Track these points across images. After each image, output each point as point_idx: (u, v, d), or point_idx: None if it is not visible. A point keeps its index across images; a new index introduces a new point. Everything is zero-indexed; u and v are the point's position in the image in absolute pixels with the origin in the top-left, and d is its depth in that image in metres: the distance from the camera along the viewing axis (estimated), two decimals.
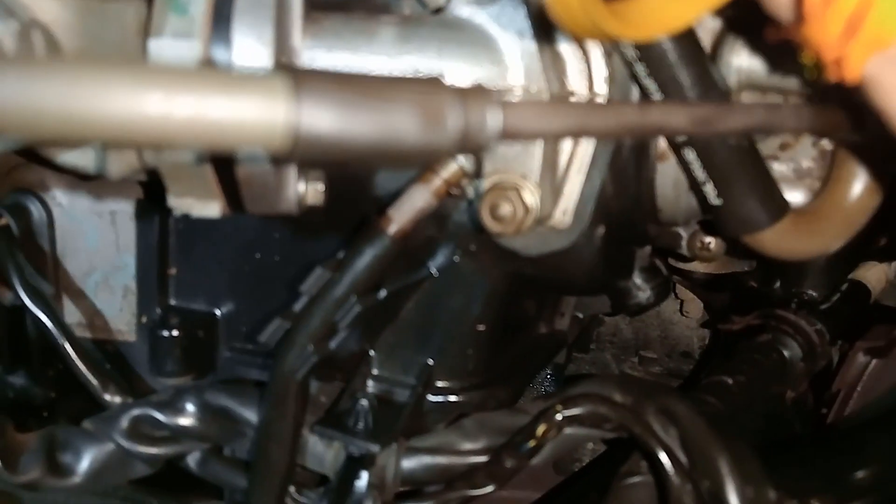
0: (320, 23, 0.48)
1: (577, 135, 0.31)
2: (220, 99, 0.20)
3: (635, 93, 0.51)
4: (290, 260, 0.66)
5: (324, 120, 0.21)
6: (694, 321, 1.08)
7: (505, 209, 0.50)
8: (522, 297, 0.67)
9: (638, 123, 0.28)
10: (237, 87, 0.20)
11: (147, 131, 0.21)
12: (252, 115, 0.20)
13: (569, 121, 0.26)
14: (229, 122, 0.20)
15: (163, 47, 0.43)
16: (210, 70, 0.21)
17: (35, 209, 0.71)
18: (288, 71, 0.21)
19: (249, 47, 0.44)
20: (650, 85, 0.48)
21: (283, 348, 0.54)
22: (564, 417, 0.53)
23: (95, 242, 0.71)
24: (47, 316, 0.66)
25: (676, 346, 1.12)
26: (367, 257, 0.53)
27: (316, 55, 0.47)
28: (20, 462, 0.58)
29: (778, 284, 0.86)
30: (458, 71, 0.48)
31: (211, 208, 0.49)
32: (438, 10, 0.50)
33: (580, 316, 0.82)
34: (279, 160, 0.26)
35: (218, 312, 0.68)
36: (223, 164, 0.46)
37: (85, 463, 0.58)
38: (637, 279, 0.72)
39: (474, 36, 0.48)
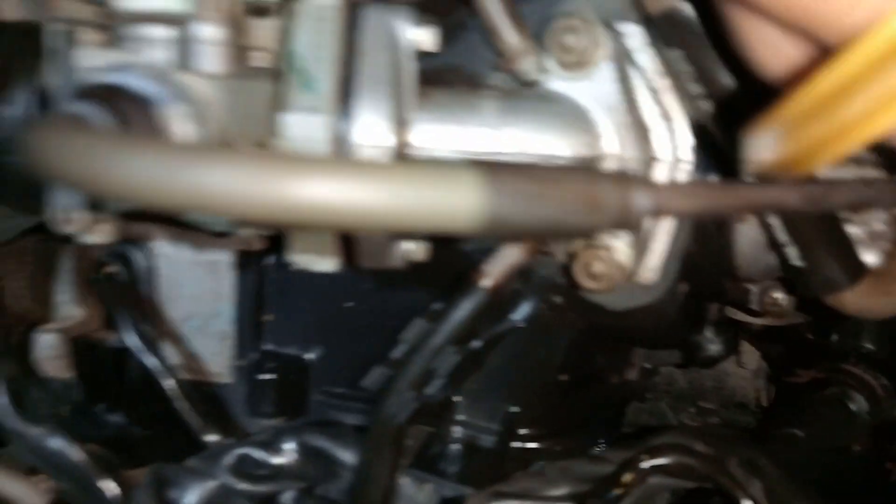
0: (429, 96, 0.53)
1: (709, 213, 0.34)
2: (423, 191, 0.24)
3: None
4: (379, 309, 0.70)
5: (510, 208, 0.25)
6: (749, 372, 1.09)
7: (599, 268, 0.53)
8: (600, 348, 0.70)
9: (758, 201, 0.31)
10: (436, 179, 0.24)
11: (349, 221, 0.25)
12: (449, 205, 0.24)
13: (703, 200, 0.30)
14: (429, 212, 0.24)
15: (292, 122, 0.48)
16: (412, 164, 0.25)
17: (140, 258, 0.77)
18: (479, 164, 0.25)
19: (370, 122, 0.49)
20: None
21: (384, 393, 0.58)
22: (651, 467, 0.56)
23: (195, 290, 0.76)
24: (154, 359, 0.71)
25: (732, 397, 1.12)
26: (463, 309, 0.57)
27: (427, 127, 0.52)
28: (132, 497, 0.62)
29: (835, 337, 0.88)
30: (556, 141, 0.52)
31: (328, 264, 0.53)
32: (530, 83, 0.55)
33: (648, 367, 0.84)
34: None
35: (310, 357, 0.72)
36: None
37: (191, 499, 0.62)
38: (708, 332, 0.74)
39: (569, 109, 0.53)
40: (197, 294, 0.76)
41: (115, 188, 0.25)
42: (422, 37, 0.51)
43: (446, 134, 0.52)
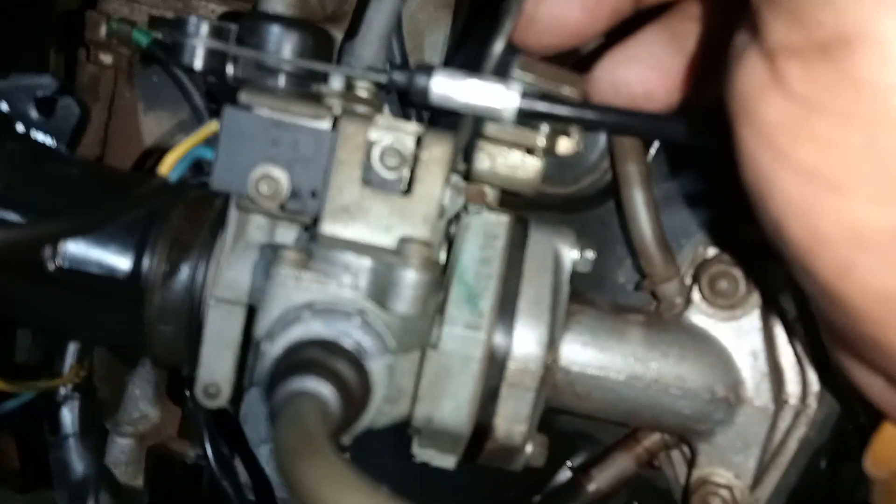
0: (577, 317, 0.54)
1: None
2: None
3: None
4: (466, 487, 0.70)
5: None
6: None
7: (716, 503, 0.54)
8: None
9: None
10: None
11: None
12: None
13: None
14: None
15: (451, 336, 0.48)
16: None
17: None
18: None
19: (525, 342, 0.50)
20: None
21: None
22: None
23: None
24: (228, 481, 0.71)
25: None
26: None
27: (572, 349, 0.53)
28: None
29: None
30: (697, 380, 0.53)
31: (448, 461, 0.53)
32: (673, 308, 0.56)
33: None
34: None
35: None
36: (477, 435, 0.51)
37: None
38: None
39: (713, 349, 0.54)
40: None
41: None
42: (580, 260, 0.52)
43: (590, 357, 0.53)
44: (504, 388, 0.49)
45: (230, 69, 0.47)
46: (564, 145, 0.46)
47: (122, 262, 0.50)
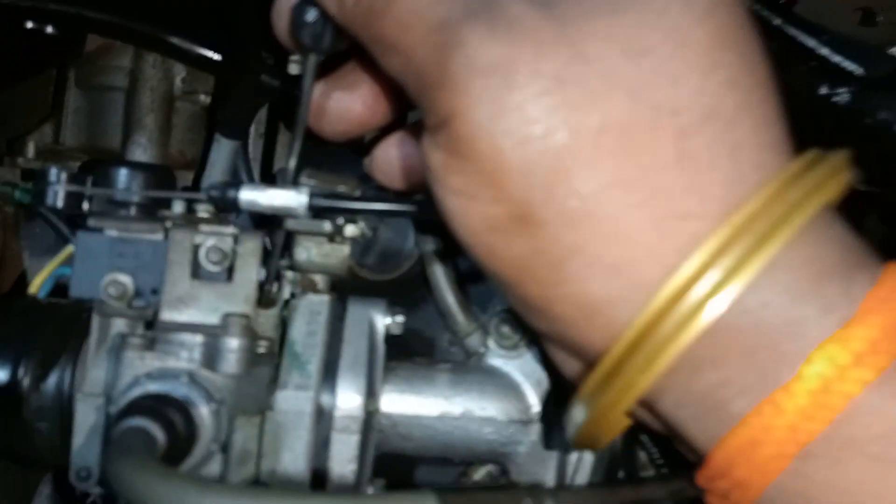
0: (395, 371, 0.66)
1: None
2: None
3: None
4: None
5: None
6: None
7: None
8: None
9: (634, 498, 0.44)
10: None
11: None
12: None
13: (595, 501, 0.42)
14: None
15: (284, 398, 0.59)
16: (373, 496, 0.36)
17: None
18: (437, 492, 0.37)
19: (348, 396, 0.61)
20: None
21: None
22: None
23: None
24: None
25: None
26: None
27: (391, 397, 0.64)
28: None
29: None
30: (495, 408, 0.65)
31: None
32: (476, 355, 0.69)
33: None
34: None
35: None
36: (318, 480, 0.61)
37: None
38: None
39: (506, 382, 0.66)
40: None
41: None
42: (392, 324, 0.65)
43: (407, 402, 0.65)
44: (333, 434, 0.60)
45: (86, 205, 0.60)
46: (351, 230, 0.60)
47: (1, 373, 0.59)
